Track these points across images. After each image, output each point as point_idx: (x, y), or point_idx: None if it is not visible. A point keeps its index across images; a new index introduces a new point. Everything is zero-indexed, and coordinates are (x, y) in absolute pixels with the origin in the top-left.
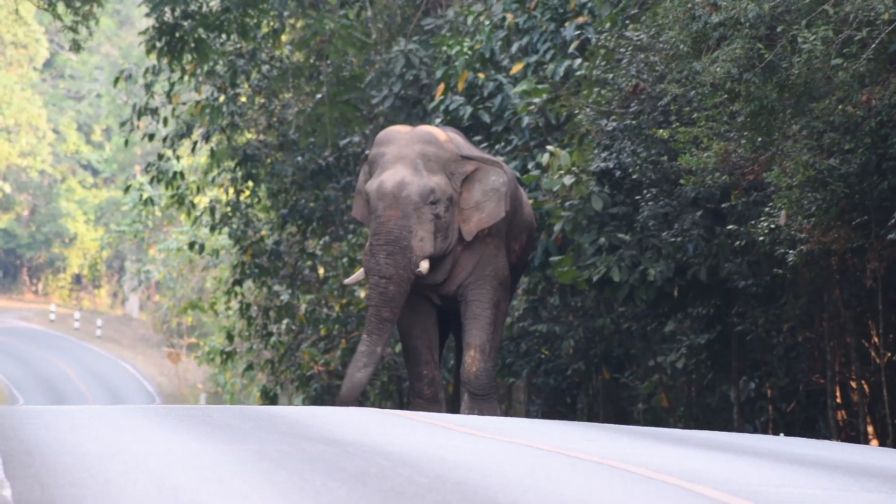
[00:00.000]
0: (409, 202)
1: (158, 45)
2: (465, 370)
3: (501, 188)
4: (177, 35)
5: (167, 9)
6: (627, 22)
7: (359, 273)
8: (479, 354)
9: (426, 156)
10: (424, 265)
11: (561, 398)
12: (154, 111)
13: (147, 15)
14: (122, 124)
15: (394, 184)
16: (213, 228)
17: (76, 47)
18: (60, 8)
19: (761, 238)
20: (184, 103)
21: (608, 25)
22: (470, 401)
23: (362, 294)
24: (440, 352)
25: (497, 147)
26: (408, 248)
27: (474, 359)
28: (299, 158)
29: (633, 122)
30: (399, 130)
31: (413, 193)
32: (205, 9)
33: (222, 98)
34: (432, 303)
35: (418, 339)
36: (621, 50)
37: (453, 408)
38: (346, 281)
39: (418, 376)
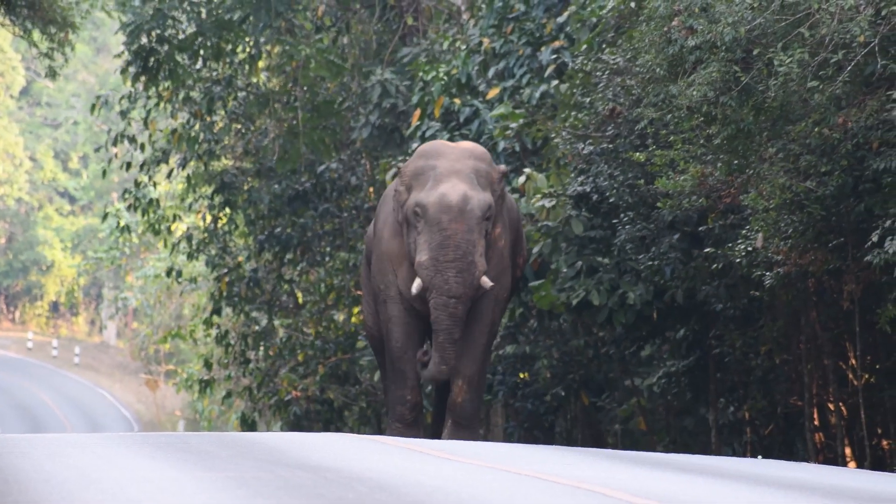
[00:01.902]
0: (473, 216)
1: (134, 69)
2: (452, 399)
3: (515, 207)
4: (152, 59)
5: (143, 33)
6: (604, 46)
7: (417, 283)
8: (468, 385)
9: (479, 172)
10: (486, 280)
11: (539, 422)
12: (131, 138)
13: (124, 44)
14: (97, 150)
15: (458, 197)
16: (190, 256)
17: (52, 74)
18: (36, 35)
19: (738, 261)
20: (160, 130)
21: (585, 49)
22: (453, 429)
23: (340, 318)
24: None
25: None
26: (473, 263)
27: (462, 389)
28: (276, 185)
29: (610, 145)
30: (445, 144)
31: (476, 207)
32: (180, 34)
33: (198, 125)
34: (421, 316)
35: (409, 364)
36: (598, 73)
37: (434, 435)
38: (413, 289)
39: (402, 400)
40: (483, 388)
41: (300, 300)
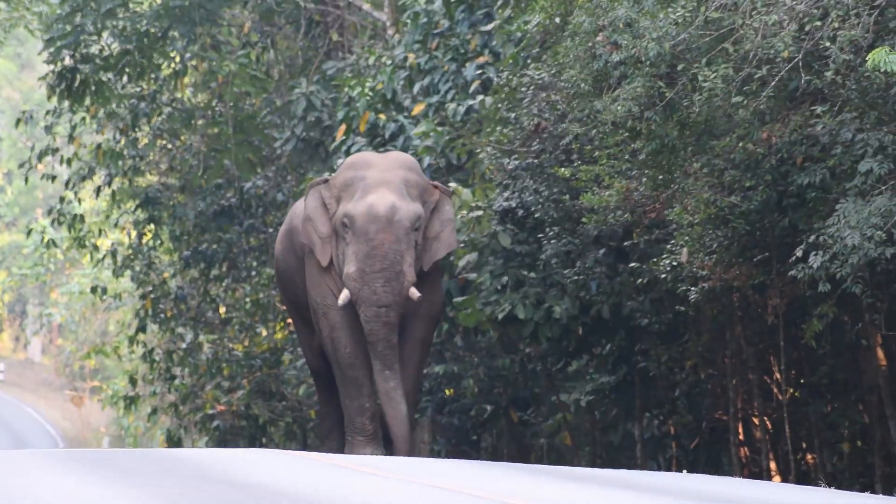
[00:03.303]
0: (402, 227)
1: (59, 89)
2: (386, 418)
3: (454, 219)
4: (77, 78)
5: (66, 53)
6: (529, 61)
7: (345, 294)
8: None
9: (408, 182)
10: (414, 292)
11: (465, 437)
12: (55, 151)
13: (46, 62)
14: (21, 165)
15: (386, 207)
16: (115, 272)
17: None
18: None
19: (663, 276)
20: (85, 145)
21: (510, 64)
22: (387, 444)
23: (264, 333)
24: None
25: None
26: (401, 273)
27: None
28: (201, 201)
29: (535, 160)
30: (373, 155)
31: (404, 218)
32: (105, 52)
33: (123, 141)
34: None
35: (361, 370)
36: (523, 89)
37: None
38: (340, 300)
39: (361, 410)
40: (415, 405)
41: (223, 316)
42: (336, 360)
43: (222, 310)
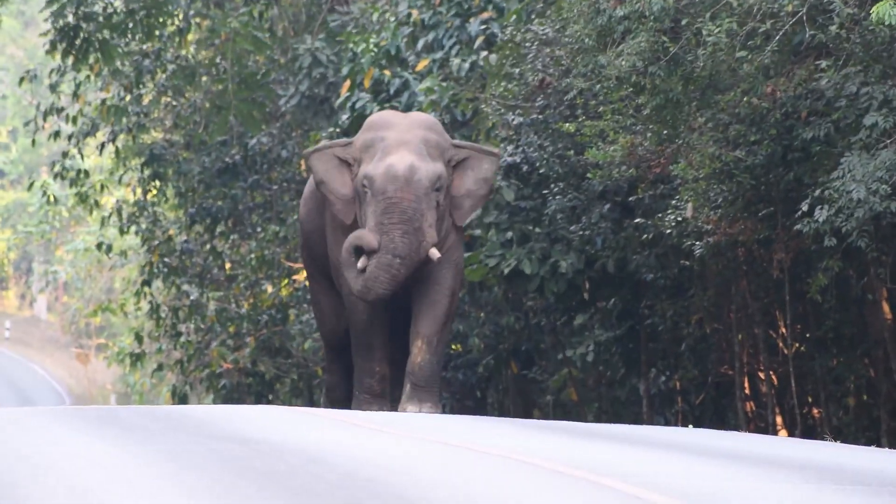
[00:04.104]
0: (421, 187)
1: (61, 47)
2: (411, 360)
3: (492, 178)
4: (80, 37)
5: (68, 12)
6: (533, 16)
7: (363, 261)
8: (426, 346)
9: (428, 142)
10: (434, 252)
11: (471, 393)
12: (60, 110)
13: (48, 20)
14: (27, 124)
15: (405, 167)
16: (121, 230)
17: None
18: None
19: (668, 231)
20: (90, 103)
21: (514, 19)
22: (411, 391)
23: (269, 290)
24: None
25: None
26: (420, 230)
27: (420, 349)
28: (206, 158)
29: (540, 116)
30: (395, 115)
31: (424, 178)
32: (108, 10)
33: (128, 98)
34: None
35: (375, 337)
36: (527, 44)
37: (393, 400)
38: (359, 264)
39: (370, 372)
40: (442, 352)
41: (229, 272)
42: (353, 322)
43: (228, 266)
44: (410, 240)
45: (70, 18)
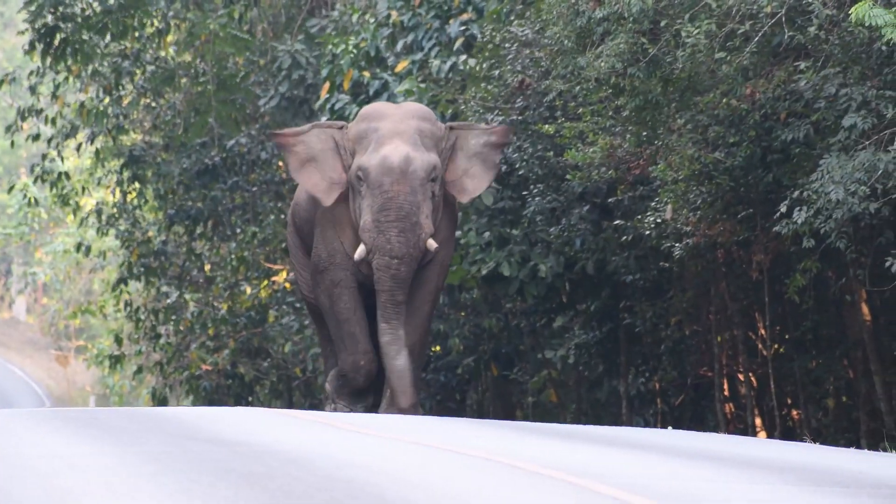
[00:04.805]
0: (416, 177)
1: (39, 47)
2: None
3: (484, 150)
4: (58, 37)
5: (46, 12)
6: (512, 17)
7: (361, 249)
8: (409, 353)
9: (422, 132)
10: (432, 243)
11: (451, 394)
12: (39, 112)
13: (26, 20)
14: (8, 128)
15: (400, 158)
16: (99, 231)
17: None
18: None
19: (648, 232)
20: (69, 104)
21: (493, 19)
22: (391, 398)
23: (248, 291)
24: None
25: None
26: (417, 224)
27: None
28: (185, 160)
29: (519, 117)
30: (388, 105)
31: (419, 169)
32: (87, 11)
33: (107, 99)
34: (367, 286)
35: (359, 325)
36: (506, 45)
37: (374, 403)
38: (356, 255)
39: (355, 366)
40: (424, 357)
41: (208, 274)
42: (333, 313)
43: (207, 268)
44: (407, 237)
45: (49, 19)
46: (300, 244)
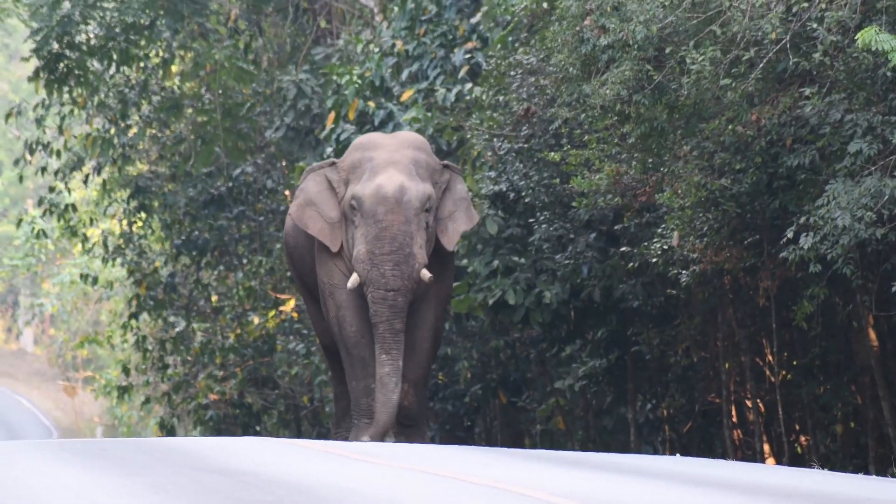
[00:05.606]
0: (411, 207)
1: (43, 76)
2: (399, 403)
3: (468, 196)
4: (62, 65)
5: (52, 40)
6: (517, 45)
7: (354, 278)
8: (413, 389)
9: (418, 162)
10: (426, 273)
11: (459, 423)
12: (46, 145)
13: (32, 51)
14: (16, 162)
15: (394, 188)
16: (105, 260)
17: None
18: None
19: (654, 259)
20: (75, 136)
21: (498, 48)
22: (400, 431)
23: (256, 321)
24: None
25: None
26: (411, 255)
27: (408, 393)
28: (191, 189)
29: (525, 145)
30: (382, 135)
31: (414, 199)
32: (91, 40)
33: (113, 130)
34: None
35: (368, 349)
36: (512, 73)
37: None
38: (349, 284)
39: (366, 391)
40: (427, 387)
41: (215, 304)
42: (342, 339)
43: (214, 298)
44: (402, 270)
45: (55, 46)
46: (296, 275)
